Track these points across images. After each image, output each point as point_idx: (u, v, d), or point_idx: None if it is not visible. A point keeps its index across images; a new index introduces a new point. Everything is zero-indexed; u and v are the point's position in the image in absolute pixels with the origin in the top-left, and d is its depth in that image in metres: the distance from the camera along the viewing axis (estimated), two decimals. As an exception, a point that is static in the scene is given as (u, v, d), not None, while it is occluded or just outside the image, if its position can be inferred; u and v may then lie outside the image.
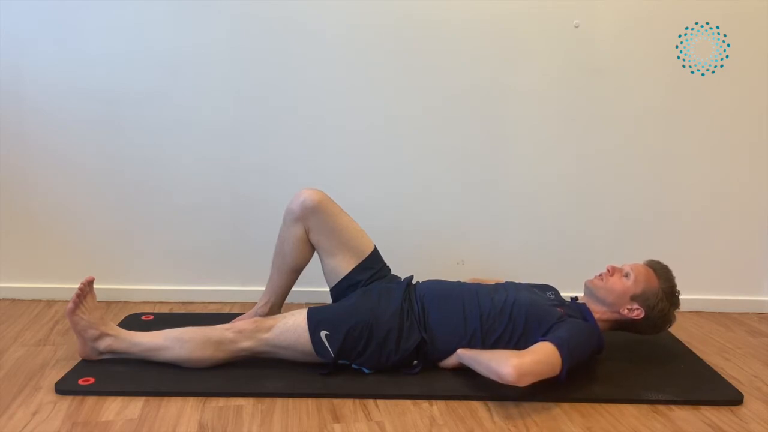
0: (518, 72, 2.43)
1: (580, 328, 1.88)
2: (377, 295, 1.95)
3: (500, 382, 1.73)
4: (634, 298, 1.95)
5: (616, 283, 1.96)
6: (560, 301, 2.01)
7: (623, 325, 2.00)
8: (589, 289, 2.01)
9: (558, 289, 2.08)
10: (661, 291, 1.95)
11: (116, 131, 2.36)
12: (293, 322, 1.87)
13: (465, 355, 1.87)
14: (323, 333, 1.85)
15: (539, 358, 1.74)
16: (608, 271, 2.00)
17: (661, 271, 1.99)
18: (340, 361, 1.87)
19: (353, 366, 1.90)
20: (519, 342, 1.87)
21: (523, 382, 1.71)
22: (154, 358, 1.87)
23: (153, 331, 1.91)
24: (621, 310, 1.96)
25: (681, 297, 2.01)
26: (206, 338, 1.86)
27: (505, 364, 1.71)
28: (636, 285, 1.95)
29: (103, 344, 1.86)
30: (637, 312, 1.95)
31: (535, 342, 1.82)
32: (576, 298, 2.08)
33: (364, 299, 1.94)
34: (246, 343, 1.86)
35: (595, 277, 2.01)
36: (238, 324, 1.90)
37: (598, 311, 1.97)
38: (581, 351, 1.83)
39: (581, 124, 2.49)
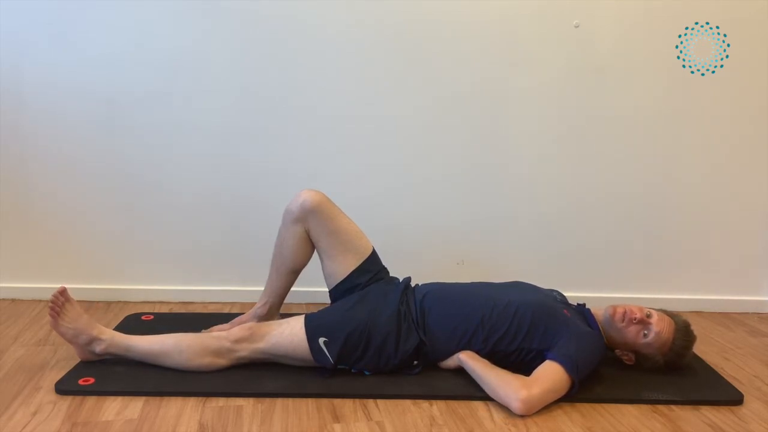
0: (518, 72, 2.43)
1: (587, 339, 1.87)
2: (374, 299, 1.94)
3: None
4: (635, 352, 1.96)
5: (632, 333, 1.92)
6: (566, 303, 2.01)
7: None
8: (609, 316, 1.95)
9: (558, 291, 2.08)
10: (663, 360, 1.95)
11: (116, 131, 2.36)
12: (289, 330, 1.86)
13: (468, 364, 1.85)
14: (321, 340, 1.84)
15: (549, 387, 1.74)
16: (634, 318, 1.91)
17: (678, 341, 1.93)
18: (339, 366, 1.86)
19: (353, 370, 1.89)
20: (523, 342, 1.86)
21: (531, 412, 1.71)
22: (152, 363, 1.85)
23: (149, 336, 1.87)
24: (615, 349, 1.97)
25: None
26: (204, 347, 1.84)
27: (513, 397, 1.71)
28: (646, 347, 1.93)
29: (98, 348, 1.85)
30: (628, 359, 1.97)
31: (540, 348, 1.83)
32: (583, 305, 2.04)
33: (362, 303, 1.93)
34: (243, 352, 1.85)
35: (622, 308, 1.93)
36: (233, 332, 1.86)
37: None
38: (589, 364, 1.83)
39: (581, 124, 2.49)
